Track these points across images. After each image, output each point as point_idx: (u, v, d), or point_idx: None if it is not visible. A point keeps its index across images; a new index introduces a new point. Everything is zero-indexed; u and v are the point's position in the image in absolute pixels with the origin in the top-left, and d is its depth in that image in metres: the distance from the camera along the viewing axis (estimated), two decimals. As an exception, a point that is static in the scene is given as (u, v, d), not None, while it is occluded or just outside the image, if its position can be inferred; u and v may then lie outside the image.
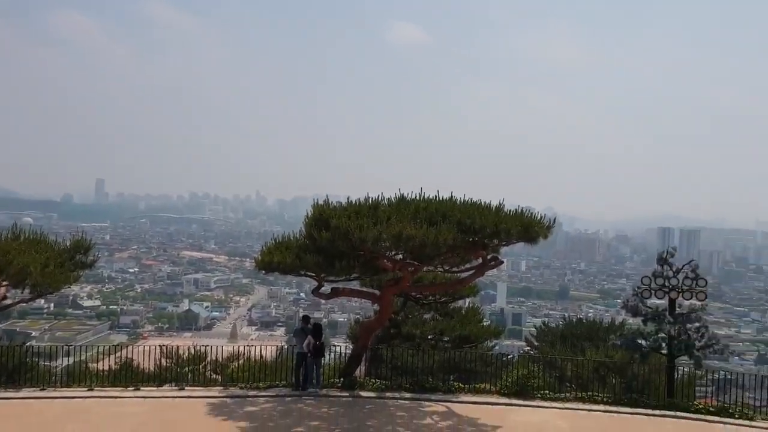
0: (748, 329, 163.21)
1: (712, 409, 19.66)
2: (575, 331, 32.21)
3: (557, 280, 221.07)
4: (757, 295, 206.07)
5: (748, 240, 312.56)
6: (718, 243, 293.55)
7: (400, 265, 19.14)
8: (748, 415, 19.36)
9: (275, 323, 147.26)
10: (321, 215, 17.99)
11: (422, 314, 26.57)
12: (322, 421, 17.40)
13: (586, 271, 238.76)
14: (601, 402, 20.25)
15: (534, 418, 18.46)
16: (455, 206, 17.93)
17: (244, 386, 20.55)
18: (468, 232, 17.36)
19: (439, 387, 20.77)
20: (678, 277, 21.05)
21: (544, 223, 18.46)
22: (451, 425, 17.45)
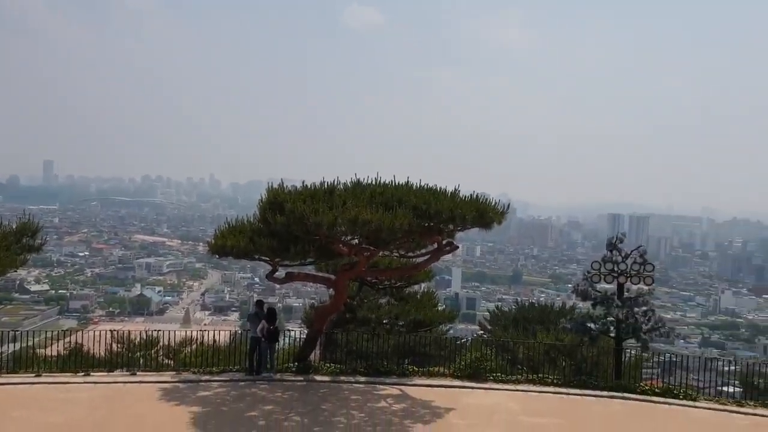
0: (693, 313, 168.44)
1: (657, 390, 20.26)
2: (527, 314, 32.82)
3: (511, 265, 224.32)
4: (702, 280, 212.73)
5: (695, 227, 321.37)
6: (666, 229, 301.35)
7: (355, 250, 19.14)
8: (692, 396, 20.01)
9: (229, 308, 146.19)
10: (275, 199, 17.82)
11: (378, 299, 26.66)
12: (276, 405, 17.37)
13: (538, 257, 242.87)
14: (551, 384, 20.69)
15: (486, 400, 18.77)
16: (411, 191, 17.96)
17: (197, 371, 20.37)
18: (424, 217, 17.42)
19: (394, 371, 20.95)
20: (627, 262, 21.59)
21: (498, 209, 18.61)
22: (405, 408, 17.62)
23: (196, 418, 15.91)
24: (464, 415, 17.04)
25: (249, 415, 16.43)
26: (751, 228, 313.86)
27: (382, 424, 16.10)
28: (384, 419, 16.49)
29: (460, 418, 16.80)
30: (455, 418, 16.83)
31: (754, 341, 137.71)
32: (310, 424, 15.80)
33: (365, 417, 16.62)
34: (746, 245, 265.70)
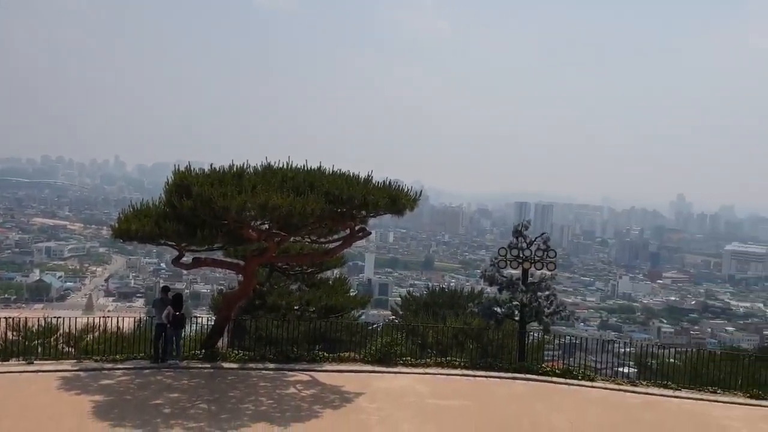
0: (592, 297, 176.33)
1: (558, 371, 21.13)
2: (438, 300, 33.43)
3: (423, 252, 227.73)
4: (601, 266, 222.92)
5: (596, 215, 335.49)
6: (569, 217, 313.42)
7: (265, 235, 18.88)
8: (590, 377, 20.98)
9: (134, 294, 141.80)
10: (182, 182, 17.32)
11: (288, 285, 26.47)
12: (182, 393, 17.00)
13: (449, 243, 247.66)
14: (459, 366, 21.18)
15: (396, 383, 19.01)
16: (323, 176, 17.86)
17: (99, 359, 19.65)
18: (336, 203, 17.39)
19: (304, 357, 20.87)
20: (531, 248, 22.32)
21: (411, 195, 18.81)
22: (315, 393, 17.63)
23: (97, 407, 15.36)
24: (373, 399, 17.21)
25: (154, 403, 16.00)
26: (647, 217, 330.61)
27: (291, 410, 16.04)
28: (293, 405, 16.44)
29: (370, 402, 16.95)
30: (365, 402, 16.97)
31: (648, 324, 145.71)
32: (217, 412, 15.56)
33: (274, 403, 16.52)
34: (643, 233, 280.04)
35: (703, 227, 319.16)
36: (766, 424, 17.40)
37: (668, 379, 21.13)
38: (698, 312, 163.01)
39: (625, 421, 17.03)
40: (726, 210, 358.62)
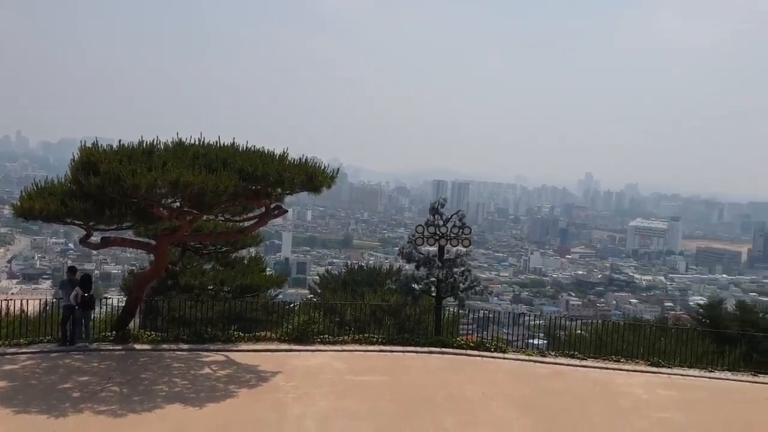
0: (506, 272, 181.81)
1: (472, 344, 21.68)
2: (356, 277, 33.62)
3: (342, 230, 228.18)
4: (514, 242, 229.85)
5: (509, 193, 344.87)
6: (484, 195, 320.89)
7: (177, 214, 18.36)
8: (502, 349, 21.63)
9: (40, 276, 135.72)
10: (89, 159, 16.54)
11: (202, 264, 25.92)
12: (93, 376, 16.45)
13: (368, 221, 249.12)
14: (376, 342, 21.40)
15: (313, 361, 19.02)
16: (237, 153, 17.46)
17: (2, 343, 18.73)
18: (250, 180, 17.06)
19: (219, 337, 20.56)
20: (447, 226, 22.71)
21: (328, 173, 18.65)
22: (230, 373, 17.42)
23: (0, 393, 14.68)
24: (290, 378, 17.17)
25: (62, 387, 15.42)
26: (557, 194, 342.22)
27: (206, 390, 15.81)
28: (208, 385, 16.20)
29: (286, 381, 16.90)
30: (281, 381, 16.91)
31: (557, 297, 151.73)
32: (129, 394, 15.15)
33: (188, 384, 16.23)
34: (553, 210, 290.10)
35: (609, 204, 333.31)
36: (665, 390, 18.40)
37: (575, 350, 22.03)
38: (604, 285, 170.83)
39: (535, 390, 17.67)
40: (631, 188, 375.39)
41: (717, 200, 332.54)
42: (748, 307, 30.78)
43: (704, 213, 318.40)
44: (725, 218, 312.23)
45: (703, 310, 30.55)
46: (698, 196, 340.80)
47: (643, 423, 15.48)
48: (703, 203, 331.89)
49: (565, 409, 16.17)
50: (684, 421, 15.79)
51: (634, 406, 16.71)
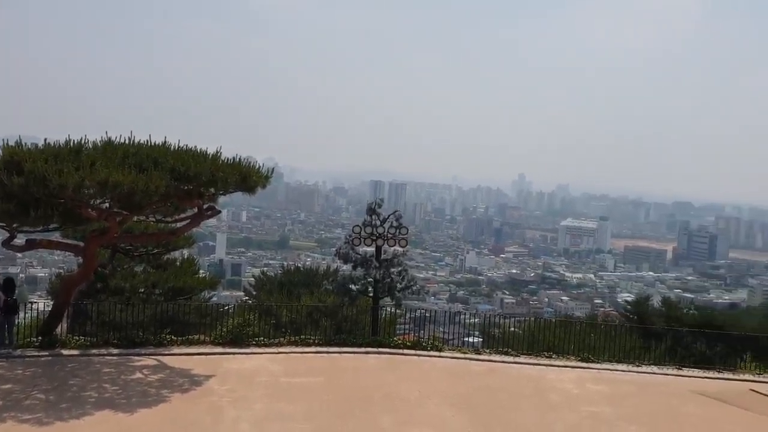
0: (442, 272, 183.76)
1: (408, 343, 21.83)
2: (293, 279, 33.31)
3: (278, 230, 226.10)
4: (450, 242, 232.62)
5: (445, 193, 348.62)
6: (421, 195, 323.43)
7: (106, 215, 17.81)
8: (438, 347, 21.86)
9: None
10: (12, 158, 15.86)
11: (133, 266, 25.25)
12: (17, 383, 15.79)
13: (305, 221, 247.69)
14: (313, 344, 21.28)
15: (248, 364, 18.78)
16: (169, 152, 17.07)
17: None
18: (182, 180, 16.71)
19: (151, 341, 20.07)
20: (384, 226, 22.80)
21: (262, 173, 18.46)
22: (162, 378, 17.01)
23: None
24: (225, 381, 16.89)
25: (-19, 398, 14.75)
26: (492, 195, 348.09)
27: (138, 395, 15.39)
28: (139, 390, 15.78)
29: (221, 384, 16.63)
30: (215, 384, 16.62)
31: (492, 296, 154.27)
32: (56, 401, 14.61)
33: (119, 390, 15.77)
34: (488, 210, 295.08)
35: (542, 205, 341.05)
36: (594, 385, 18.95)
37: (509, 347, 22.46)
38: (537, 283, 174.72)
39: (470, 387, 17.92)
40: (562, 189, 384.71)
41: (644, 200, 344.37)
42: (673, 303, 32.06)
43: (632, 213, 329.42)
44: (651, 218, 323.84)
45: (631, 307, 31.58)
46: (626, 197, 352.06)
47: (573, 417, 15.89)
48: (631, 203, 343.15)
49: (499, 405, 16.46)
50: (613, 414, 16.28)
51: (565, 401, 17.15)
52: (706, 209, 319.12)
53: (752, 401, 18.24)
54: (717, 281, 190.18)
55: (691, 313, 29.18)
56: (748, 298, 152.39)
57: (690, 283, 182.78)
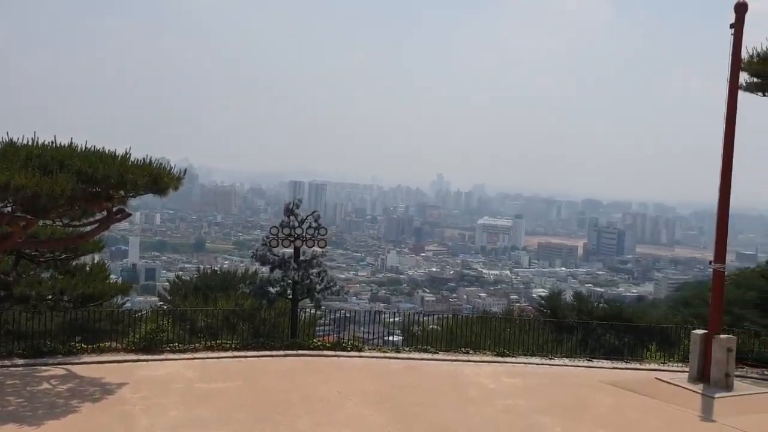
0: (364, 272, 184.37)
1: (328, 345, 21.84)
2: (209, 282, 32.58)
3: (194, 233, 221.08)
4: (372, 242, 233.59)
5: (366, 193, 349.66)
6: (341, 195, 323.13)
7: (9, 219, 16.96)
8: (359, 347, 21.95)
9: None
10: None
11: (39, 273, 24.09)
12: None
13: (222, 224, 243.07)
14: (230, 348, 20.98)
15: (162, 371, 18.32)
16: (75, 154, 16.42)
17: None
18: (90, 182, 16.11)
19: (59, 350, 19.30)
20: (303, 227, 22.66)
21: (174, 174, 18.03)
22: (72, 387, 16.37)
23: None
24: (138, 389, 16.40)
25: None
26: (411, 194, 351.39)
27: (45, 407, 14.75)
28: (47, 402, 15.12)
29: (134, 392, 16.13)
30: (128, 392, 16.12)
31: (413, 294, 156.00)
32: (-48, 419, 13.81)
33: (24, 402, 15.07)
34: (408, 210, 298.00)
35: (460, 204, 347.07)
36: (509, 378, 19.48)
37: (429, 344, 22.78)
38: (456, 281, 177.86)
39: (389, 385, 18.09)
40: (478, 188, 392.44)
41: (555, 199, 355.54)
42: (584, 297, 33.31)
43: (544, 211, 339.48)
44: (563, 215, 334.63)
45: (545, 302, 32.60)
46: (539, 195, 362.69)
47: (490, 411, 16.27)
48: (543, 201, 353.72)
49: (417, 402, 16.67)
50: (527, 406, 16.77)
51: (481, 395, 17.55)
52: (614, 207, 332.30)
53: (657, 389, 19.15)
54: (625, 275, 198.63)
55: (601, 307, 30.38)
56: (654, 290, 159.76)
57: (600, 278, 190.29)
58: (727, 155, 20.13)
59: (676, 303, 45.35)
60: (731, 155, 20.11)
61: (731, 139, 20.08)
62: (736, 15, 20.01)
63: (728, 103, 20.11)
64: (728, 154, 20.12)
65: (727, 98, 20.13)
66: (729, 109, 20.11)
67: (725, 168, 20.17)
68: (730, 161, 20.15)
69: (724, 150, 20.14)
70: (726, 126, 20.09)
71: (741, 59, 20.74)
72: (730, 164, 20.15)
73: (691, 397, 18.42)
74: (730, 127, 20.07)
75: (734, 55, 20.15)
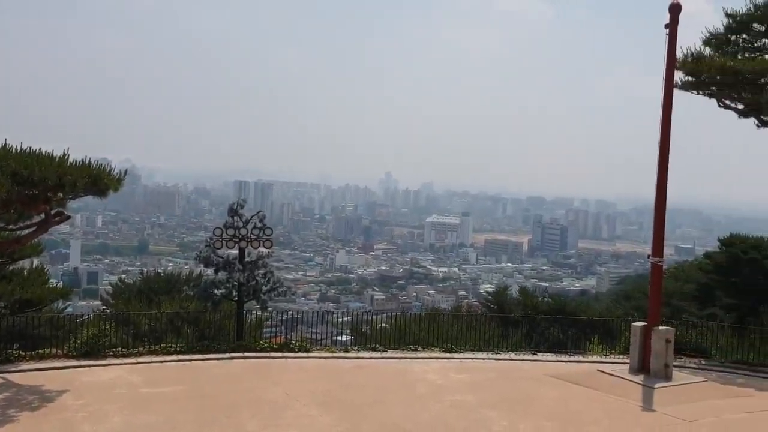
0: (312, 272, 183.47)
1: (276, 346, 21.67)
2: (153, 285, 31.97)
3: (137, 235, 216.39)
4: (320, 242, 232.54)
5: (314, 192, 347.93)
6: (288, 195, 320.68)
7: (-61, 224, 16.35)
8: (307, 348, 21.86)
9: None
10: None
11: (-27, 278, 23.23)
12: None
13: (166, 225, 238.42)
14: (175, 352, 20.61)
15: (105, 376, 17.89)
16: (9, 155, 15.92)
17: None
18: (26, 184, 15.66)
19: (-6, 358, 18.62)
20: (247, 227, 22.41)
21: (114, 175, 17.65)
22: (9, 396, 15.83)
23: None
24: (80, 395, 15.96)
25: None
26: (360, 193, 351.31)
27: (-21, 419, 14.22)
28: (-19, 413, 14.58)
29: (75, 399, 15.70)
30: (69, 400, 15.68)
31: (363, 293, 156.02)
32: None
33: (-43, 414, 14.49)
34: (357, 209, 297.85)
35: (408, 202, 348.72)
36: (457, 374, 19.69)
37: (377, 343, 22.83)
38: (405, 279, 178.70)
39: (337, 385, 18.06)
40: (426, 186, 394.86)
41: (501, 196, 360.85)
42: (529, 292, 33.90)
43: (490, 208, 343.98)
44: (508, 212, 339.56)
45: (491, 297, 33.02)
46: (485, 193, 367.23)
47: (438, 406, 16.41)
48: (490, 199, 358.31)
49: (365, 401, 16.70)
50: (474, 401, 16.98)
51: (430, 392, 17.68)
52: (557, 203, 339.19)
53: (599, 380, 19.64)
54: (568, 270, 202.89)
55: (545, 301, 30.98)
56: (596, 284, 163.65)
57: (544, 273, 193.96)
58: (663, 152, 20.77)
59: (618, 296, 46.56)
60: (667, 152, 20.76)
61: (667, 136, 20.72)
62: (671, 15, 20.62)
63: (664, 102, 20.75)
64: (664, 152, 20.76)
65: (663, 97, 20.76)
66: (665, 108, 20.75)
67: (662, 165, 20.81)
68: (666, 158, 20.79)
69: (660, 147, 20.77)
70: (662, 124, 20.72)
71: (676, 59, 21.45)
72: (666, 161, 20.80)
73: (632, 387, 18.95)
74: (666, 125, 20.71)
75: (669, 54, 20.80)
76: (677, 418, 16.14)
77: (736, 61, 22.70)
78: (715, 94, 24.01)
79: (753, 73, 22.75)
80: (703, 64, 22.67)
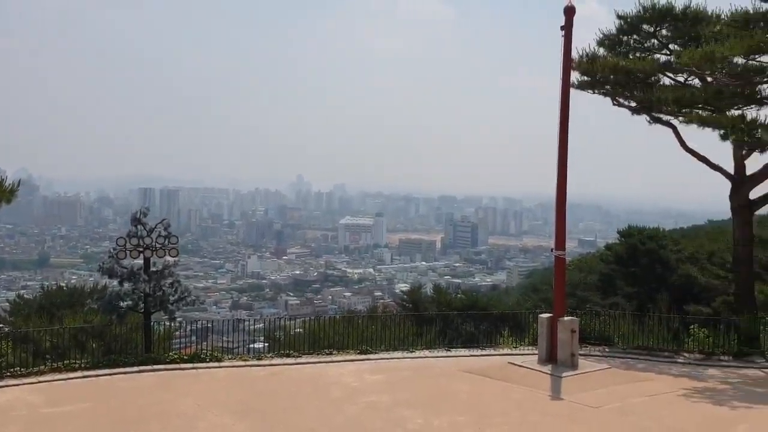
0: (223, 279, 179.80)
1: (186, 357, 21.10)
2: (55, 300, 30.59)
3: (36, 248, 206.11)
4: (230, 248, 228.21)
5: (222, 198, 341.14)
6: (196, 201, 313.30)
7: None
8: (218, 358, 21.40)
9: None
10: None
11: None
12: None
13: (68, 236, 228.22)
14: (79, 368, 19.74)
15: (2, 398, 16.89)
16: None
17: None
18: None
19: None
20: (152, 236, 21.72)
21: (6, 186, 16.79)
22: None
23: None
24: (-27, 422, 15.03)
25: None
26: (271, 197, 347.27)
27: None
28: None
29: (-32, 426, 14.77)
30: (-39, 428, 14.73)
31: (276, 299, 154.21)
32: None
33: None
34: (268, 213, 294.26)
35: (321, 204, 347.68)
36: (372, 375, 19.74)
37: (292, 349, 22.59)
38: (320, 282, 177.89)
39: (251, 393, 17.78)
40: (339, 188, 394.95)
41: (413, 196, 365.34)
42: (442, 289, 34.47)
43: (404, 208, 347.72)
44: (421, 211, 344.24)
45: (406, 296, 33.36)
46: (398, 193, 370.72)
47: (353, 409, 16.41)
48: (402, 199, 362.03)
49: (280, 407, 16.51)
50: (390, 401, 17.07)
51: (345, 394, 17.65)
52: (467, 202, 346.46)
53: (510, 373, 20.17)
54: (480, 266, 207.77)
55: (458, 297, 31.58)
56: (506, 278, 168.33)
57: (457, 270, 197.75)
58: (562, 150, 21.54)
59: (527, 289, 48.11)
60: (566, 150, 21.54)
61: (566, 134, 21.50)
62: (566, 18, 21.42)
63: (561, 101, 21.53)
64: (563, 149, 21.54)
65: (560, 96, 21.54)
66: (562, 107, 21.53)
67: (561, 162, 21.59)
68: (565, 156, 21.58)
69: (559, 145, 21.54)
70: (560, 123, 21.49)
71: (572, 59, 22.32)
72: (565, 158, 21.59)
73: (541, 377, 19.57)
74: (564, 123, 21.50)
75: (565, 55, 21.60)
76: (584, 405, 16.79)
77: (627, 61, 23.86)
78: (610, 92, 25.13)
79: (643, 72, 24.02)
80: (597, 64, 23.71)
